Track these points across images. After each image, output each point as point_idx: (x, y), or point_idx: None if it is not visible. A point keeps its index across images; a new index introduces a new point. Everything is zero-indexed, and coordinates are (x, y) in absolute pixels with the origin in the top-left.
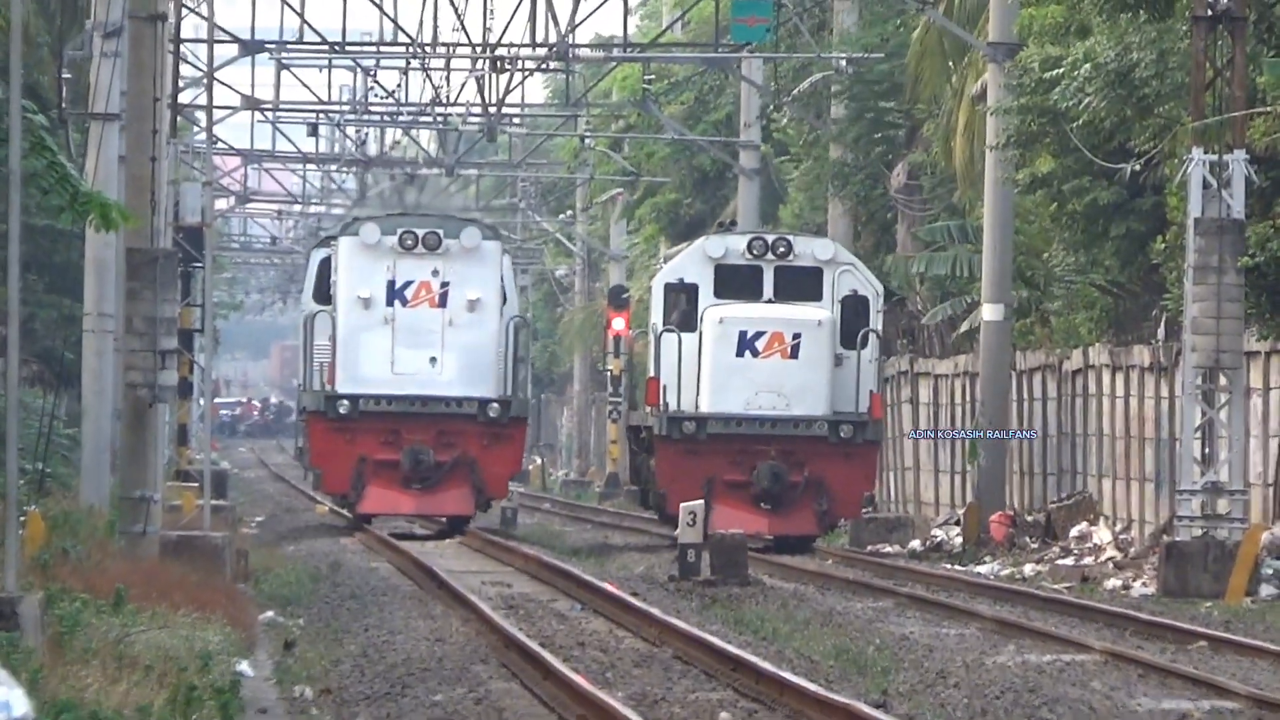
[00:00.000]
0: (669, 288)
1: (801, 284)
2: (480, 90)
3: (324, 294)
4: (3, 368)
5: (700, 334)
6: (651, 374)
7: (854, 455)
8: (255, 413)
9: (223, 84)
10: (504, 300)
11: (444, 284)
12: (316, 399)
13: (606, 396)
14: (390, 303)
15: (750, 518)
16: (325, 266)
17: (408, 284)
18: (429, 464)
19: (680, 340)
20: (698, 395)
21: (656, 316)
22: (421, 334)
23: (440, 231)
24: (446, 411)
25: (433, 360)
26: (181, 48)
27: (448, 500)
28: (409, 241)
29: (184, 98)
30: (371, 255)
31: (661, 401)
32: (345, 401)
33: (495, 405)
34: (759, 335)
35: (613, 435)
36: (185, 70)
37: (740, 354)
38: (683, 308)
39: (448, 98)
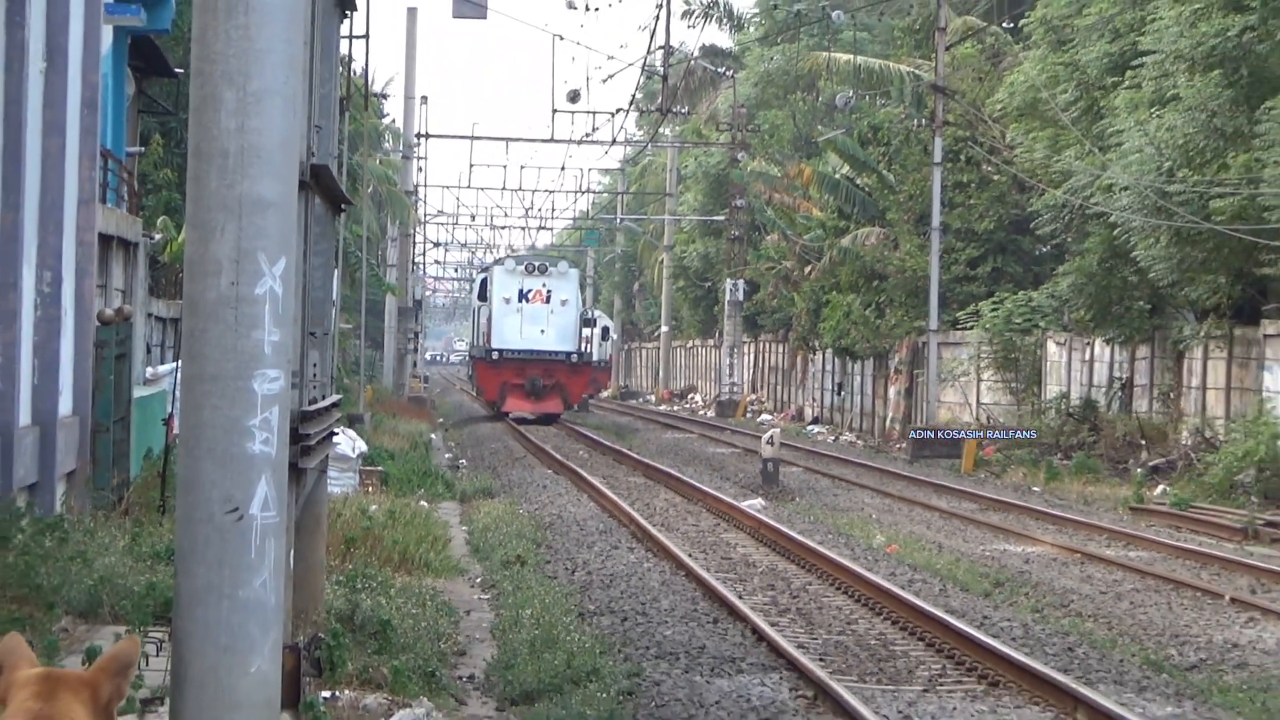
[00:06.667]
0: None
1: (592, 322)
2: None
3: (484, 296)
4: (359, 344)
5: None
6: None
7: (597, 372)
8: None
9: (421, 259)
10: (578, 300)
11: (548, 291)
12: (480, 351)
13: None
14: (520, 301)
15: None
16: (485, 281)
17: (530, 291)
18: (540, 386)
19: None
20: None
21: None
22: (536, 318)
23: (547, 263)
24: (549, 359)
25: (542, 331)
26: (415, 244)
27: (549, 405)
28: (530, 269)
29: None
30: (510, 275)
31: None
32: (496, 353)
33: (575, 355)
34: None
35: None
36: (417, 250)
37: None
38: None
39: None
